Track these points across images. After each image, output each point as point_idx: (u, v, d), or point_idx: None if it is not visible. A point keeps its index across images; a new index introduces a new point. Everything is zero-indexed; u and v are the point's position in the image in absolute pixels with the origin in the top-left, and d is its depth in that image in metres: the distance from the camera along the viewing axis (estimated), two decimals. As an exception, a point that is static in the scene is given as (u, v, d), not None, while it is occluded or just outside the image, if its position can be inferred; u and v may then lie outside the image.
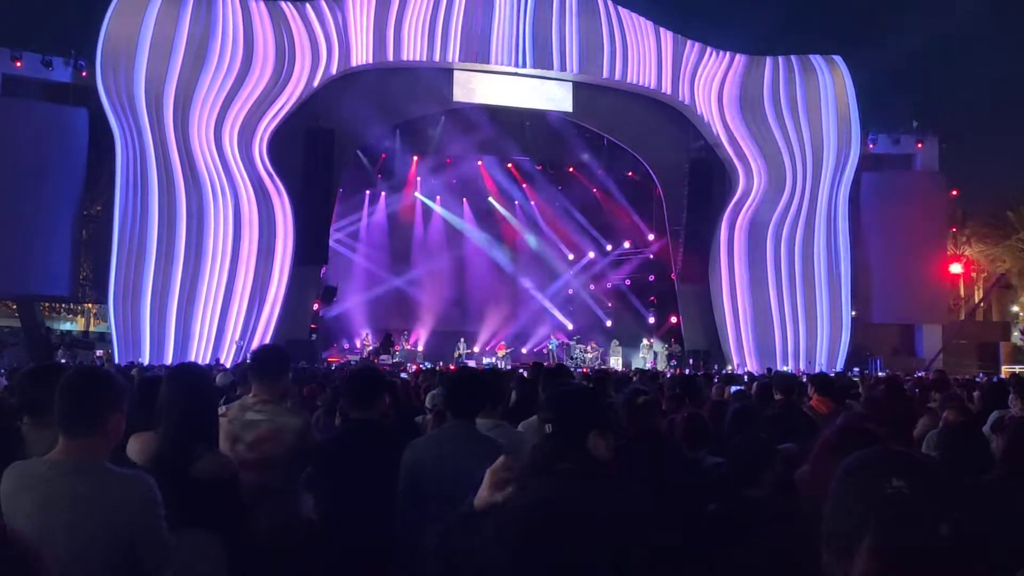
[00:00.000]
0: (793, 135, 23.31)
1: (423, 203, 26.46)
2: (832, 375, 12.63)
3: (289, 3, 20.53)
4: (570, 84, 23.00)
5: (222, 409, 3.70)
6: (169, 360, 18.20)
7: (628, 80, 22.81)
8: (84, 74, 19.90)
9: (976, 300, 33.00)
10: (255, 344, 19.72)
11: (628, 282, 27.78)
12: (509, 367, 18.15)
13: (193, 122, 19.31)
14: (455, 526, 2.21)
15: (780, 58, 23.74)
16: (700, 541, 2.56)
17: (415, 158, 25.21)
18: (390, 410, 5.21)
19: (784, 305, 23.12)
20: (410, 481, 3.22)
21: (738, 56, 23.63)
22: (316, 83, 20.72)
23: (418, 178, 25.98)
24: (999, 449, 3.29)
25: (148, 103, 18.82)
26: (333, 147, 20.98)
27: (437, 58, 21.69)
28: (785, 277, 23.20)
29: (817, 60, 23.87)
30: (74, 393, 2.42)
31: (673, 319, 25.36)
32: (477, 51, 21.86)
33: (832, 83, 23.54)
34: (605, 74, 22.64)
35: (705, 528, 2.79)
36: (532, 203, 27.01)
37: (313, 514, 3.67)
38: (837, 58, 23.95)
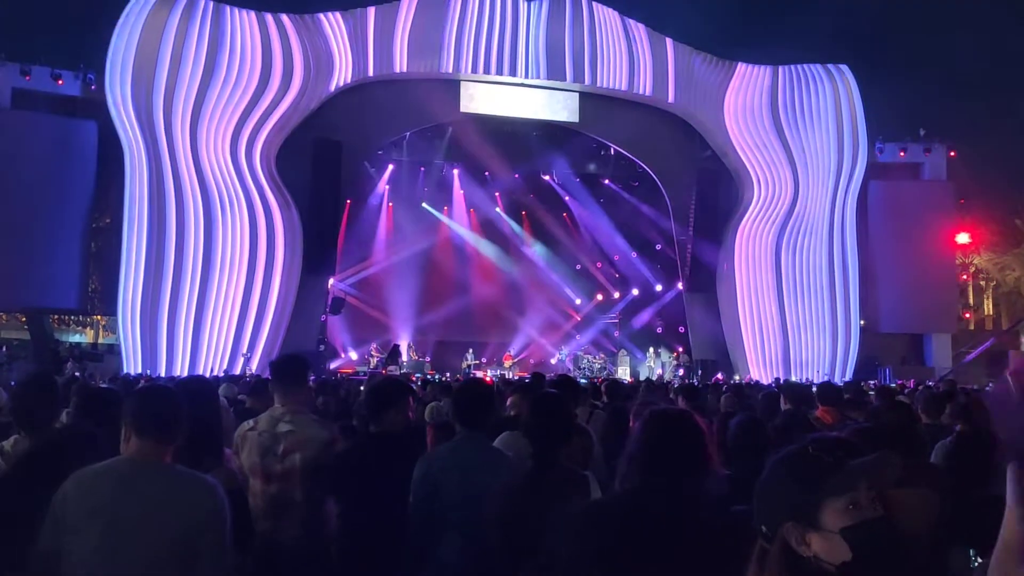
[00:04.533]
0: (800, 144, 23.24)
1: (430, 214, 26.49)
2: (840, 385, 12.53)
3: (297, 16, 20.65)
4: (577, 95, 23.03)
5: (250, 423, 3.65)
6: (171, 370, 18.24)
7: (635, 90, 22.83)
8: (93, 87, 20.03)
9: (988, 311, 32.85)
10: (259, 355, 19.76)
11: (636, 291, 27.73)
12: (516, 378, 18.11)
13: (202, 135, 19.38)
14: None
15: (787, 67, 23.70)
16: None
17: (422, 169, 25.32)
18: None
19: (792, 315, 22.98)
20: (426, 494, 3.24)
21: (744, 65, 23.59)
22: (324, 95, 20.82)
23: (425, 189, 26.06)
24: None
25: (157, 116, 18.88)
26: (341, 158, 21.07)
27: (444, 69, 21.78)
28: (793, 286, 23.08)
29: (824, 69, 23.82)
30: (155, 399, 2.63)
31: (680, 328, 25.29)
32: (484, 62, 21.93)
33: (839, 92, 23.47)
34: (612, 84, 22.68)
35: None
36: (539, 213, 27.01)
37: (334, 525, 3.67)
38: (844, 67, 23.87)
